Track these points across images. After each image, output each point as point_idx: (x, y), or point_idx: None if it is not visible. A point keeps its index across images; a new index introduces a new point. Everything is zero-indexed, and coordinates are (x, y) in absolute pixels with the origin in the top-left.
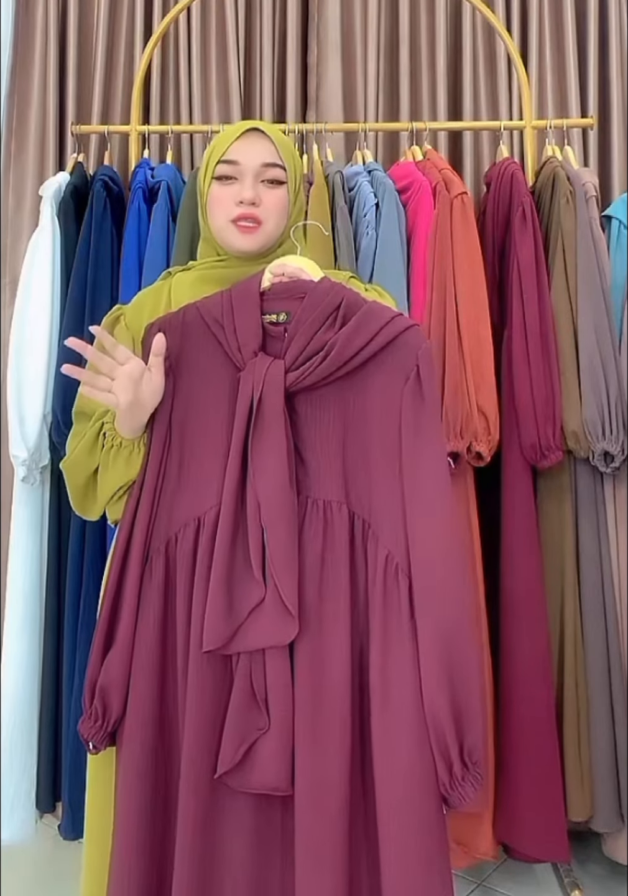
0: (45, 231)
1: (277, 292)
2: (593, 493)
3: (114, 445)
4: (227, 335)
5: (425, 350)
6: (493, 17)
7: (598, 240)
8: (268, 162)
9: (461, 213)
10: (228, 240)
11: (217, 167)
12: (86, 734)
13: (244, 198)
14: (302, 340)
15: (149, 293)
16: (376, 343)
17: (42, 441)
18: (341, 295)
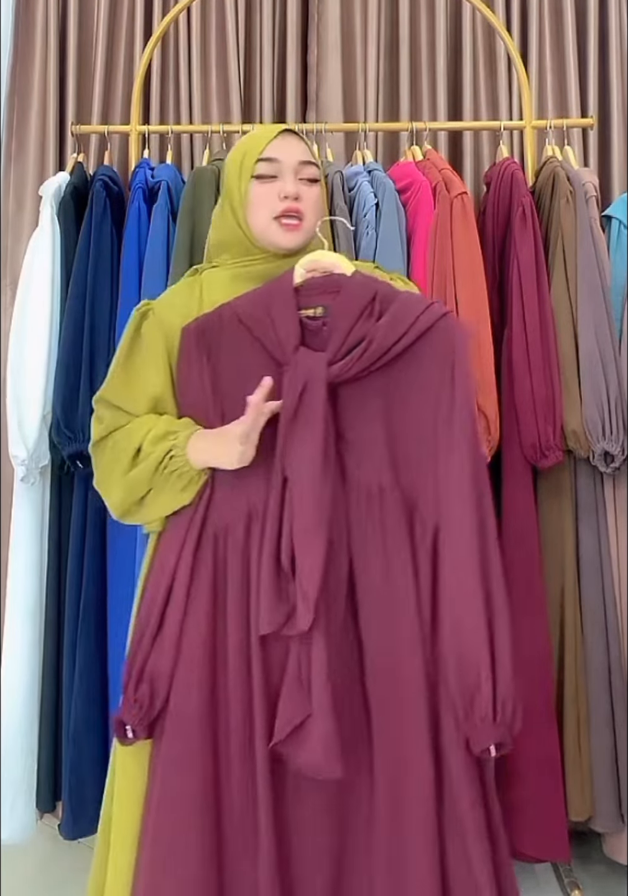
0: (44, 231)
1: (311, 287)
2: (593, 493)
3: (177, 471)
4: (267, 331)
5: (461, 336)
6: (493, 17)
7: (598, 240)
8: (305, 160)
9: (461, 213)
10: (272, 238)
11: (256, 165)
12: (129, 721)
13: (288, 192)
14: (342, 333)
15: (179, 290)
16: (414, 331)
17: (42, 441)
18: (375, 288)
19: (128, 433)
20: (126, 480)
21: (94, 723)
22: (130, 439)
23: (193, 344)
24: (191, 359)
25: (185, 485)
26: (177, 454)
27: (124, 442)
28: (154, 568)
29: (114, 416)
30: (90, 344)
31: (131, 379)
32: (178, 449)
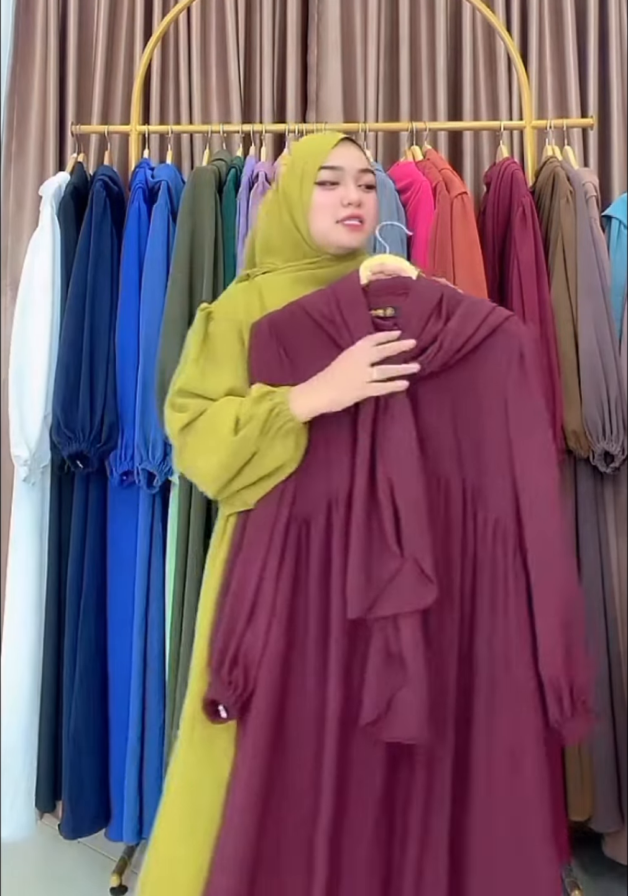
0: (44, 231)
1: (379, 288)
2: (593, 493)
3: (284, 427)
4: (340, 330)
5: (527, 336)
6: (493, 17)
7: (598, 240)
8: (364, 167)
9: (461, 212)
10: (335, 238)
11: (320, 172)
12: (223, 701)
13: (351, 199)
14: (413, 333)
15: (236, 294)
16: (482, 331)
17: (43, 441)
18: (441, 290)
19: (216, 411)
20: (228, 447)
21: (93, 722)
22: (224, 412)
23: (267, 338)
24: (267, 352)
25: (294, 442)
26: (281, 410)
27: (218, 416)
28: (243, 558)
29: (198, 403)
30: (90, 344)
31: (208, 373)
32: (282, 405)
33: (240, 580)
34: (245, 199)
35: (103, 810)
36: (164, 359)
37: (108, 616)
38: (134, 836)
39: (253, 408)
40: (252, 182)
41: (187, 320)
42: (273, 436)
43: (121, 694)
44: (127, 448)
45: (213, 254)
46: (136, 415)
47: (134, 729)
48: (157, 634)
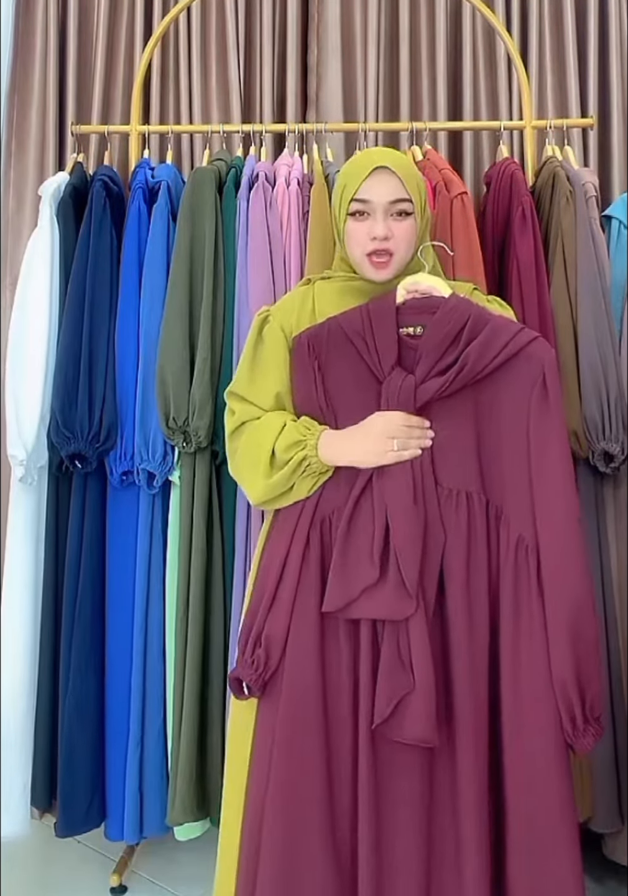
0: (43, 231)
1: (412, 307)
2: (593, 493)
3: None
4: (369, 349)
5: (550, 359)
6: (493, 17)
7: (598, 240)
8: (396, 199)
9: (461, 212)
10: (365, 272)
11: (351, 204)
12: (245, 678)
13: (377, 234)
14: (432, 358)
15: (295, 297)
16: (504, 354)
17: (40, 441)
18: (468, 313)
19: (259, 430)
20: (265, 486)
21: (89, 722)
22: (263, 439)
23: (305, 352)
24: (304, 365)
25: (319, 478)
26: (312, 461)
27: (257, 441)
28: (269, 547)
29: (243, 407)
30: (89, 344)
31: (256, 377)
32: (312, 457)
33: (266, 566)
34: (245, 199)
35: (98, 809)
36: (164, 359)
37: (106, 615)
38: (135, 835)
39: (286, 453)
40: (252, 182)
41: (188, 319)
42: (304, 477)
43: (118, 693)
44: (127, 448)
45: (213, 254)
46: (136, 415)
47: (134, 729)
48: (156, 634)
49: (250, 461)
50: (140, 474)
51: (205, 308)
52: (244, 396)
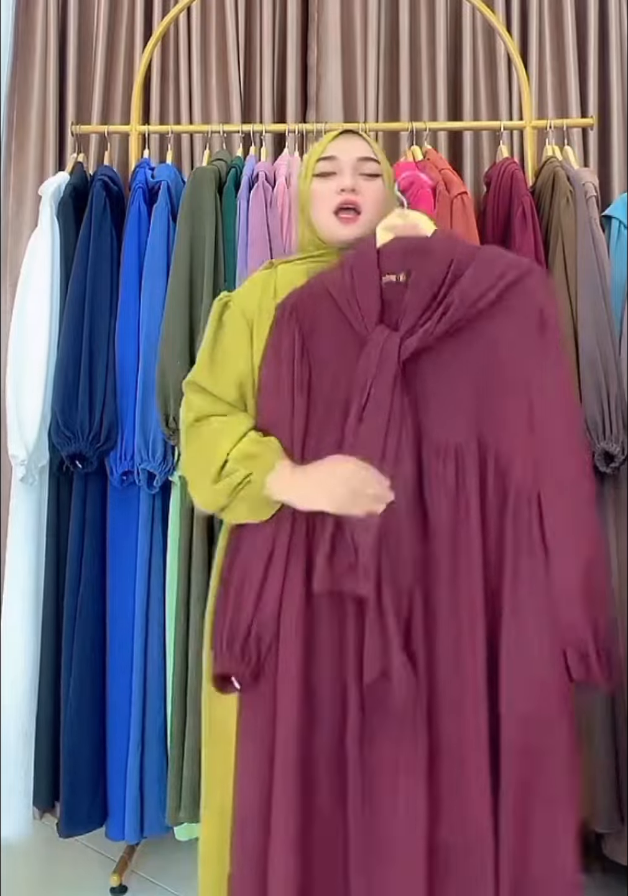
0: (44, 231)
1: (394, 250)
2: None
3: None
4: (351, 306)
5: (548, 291)
6: (493, 17)
7: (598, 240)
8: (364, 156)
9: (461, 212)
10: (331, 230)
11: (317, 164)
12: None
13: (345, 185)
14: (417, 310)
15: (257, 280)
16: (494, 292)
17: (41, 441)
18: (452, 254)
19: (219, 432)
20: (211, 491)
21: (90, 721)
22: (218, 446)
23: (286, 318)
24: (283, 332)
25: (257, 509)
26: (253, 481)
27: (215, 441)
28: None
29: (203, 400)
30: (89, 344)
31: (216, 366)
32: (256, 476)
33: (247, 555)
34: (245, 199)
35: (99, 809)
36: (165, 359)
37: (107, 615)
38: (135, 835)
39: (236, 463)
40: (252, 182)
41: (188, 320)
42: (241, 498)
43: (119, 694)
44: (127, 448)
45: (213, 254)
46: (136, 415)
47: (135, 729)
48: (157, 634)
49: (203, 462)
50: (140, 474)
51: (205, 308)
52: (204, 386)
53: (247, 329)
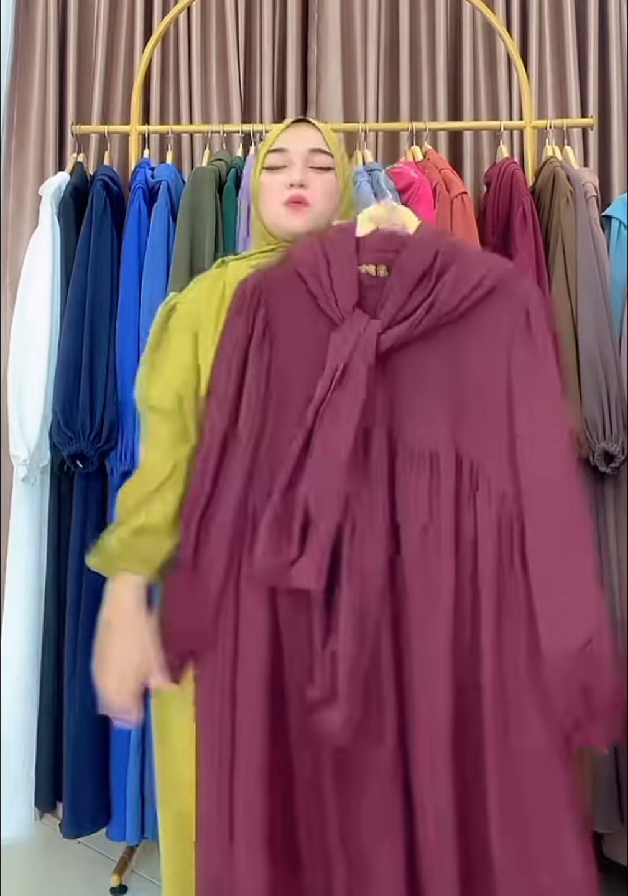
0: (44, 231)
1: (373, 243)
2: (593, 493)
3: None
4: (324, 289)
5: (536, 294)
6: (493, 17)
7: (598, 240)
8: (315, 148)
9: (461, 212)
10: (280, 222)
11: (267, 157)
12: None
13: (294, 180)
14: (399, 299)
15: (205, 280)
16: (480, 290)
17: (42, 441)
18: (436, 248)
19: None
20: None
21: (93, 721)
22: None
23: (248, 298)
24: (242, 312)
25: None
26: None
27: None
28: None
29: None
30: (90, 344)
31: (153, 379)
32: (109, 560)
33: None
34: (245, 199)
35: (103, 809)
36: None
37: None
38: (136, 835)
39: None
40: None
41: None
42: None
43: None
44: (127, 448)
45: (213, 254)
46: (136, 415)
47: (136, 729)
48: None
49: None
50: None
51: None
52: (143, 400)
53: (191, 335)
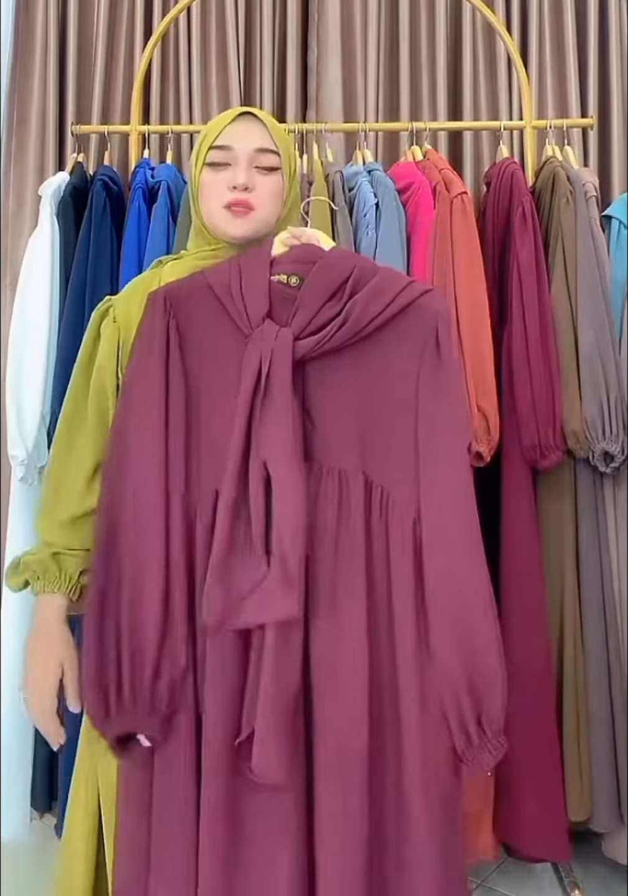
0: (44, 231)
1: (289, 257)
2: (593, 493)
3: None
4: (234, 300)
5: (444, 312)
6: (493, 17)
7: (598, 240)
8: (261, 147)
9: (461, 212)
10: (220, 225)
11: (209, 153)
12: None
13: (238, 183)
14: (311, 310)
15: (139, 283)
16: (393, 307)
17: (40, 441)
18: (353, 263)
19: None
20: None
21: None
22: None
23: (160, 312)
24: (155, 322)
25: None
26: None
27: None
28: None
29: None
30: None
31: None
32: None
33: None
34: None
35: None
36: None
37: None
38: None
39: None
40: None
41: None
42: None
43: None
44: None
45: None
46: None
47: None
48: None
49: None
50: None
51: None
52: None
53: (116, 340)
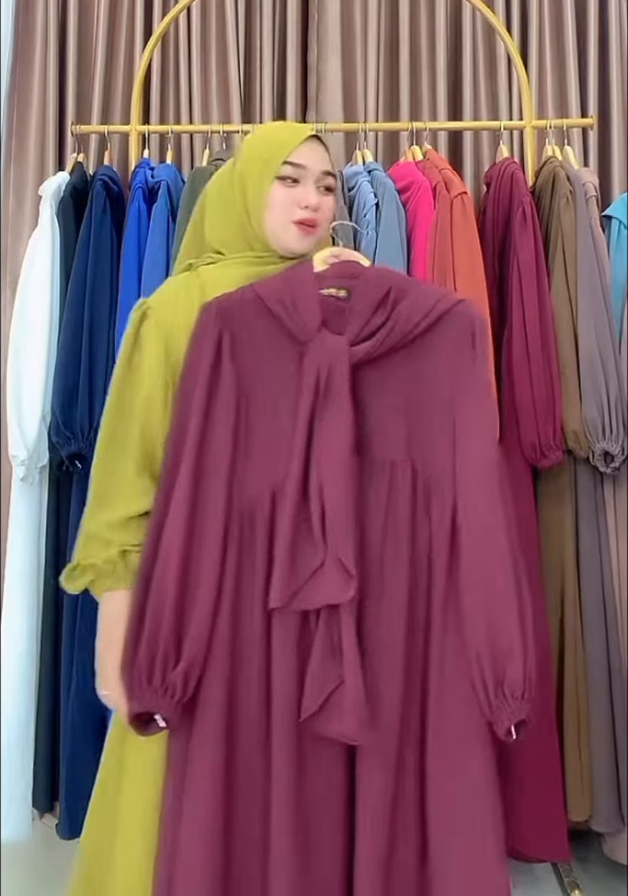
0: (44, 231)
1: (333, 273)
2: (593, 493)
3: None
4: (289, 311)
5: (480, 319)
6: (493, 17)
7: (598, 240)
8: (327, 170)
9: (461, 212)
10: (284, 239)
11: (282, 167)
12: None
13: (310, 203)
14: (362, 319)
15: (178, 287)
16: (433, 315)
17: (41, 441)
18: (391, 279)
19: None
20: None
21: (91, 722)
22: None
23: (212, 319)
24: (207, 332)
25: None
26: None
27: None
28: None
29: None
30: (89, 344)
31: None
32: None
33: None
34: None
35: None
36: None
37: None
38: None
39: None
40: None
41: None
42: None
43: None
44: None
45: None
46: None
47: None
48: None
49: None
50: None
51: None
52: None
53: (163, 345)
